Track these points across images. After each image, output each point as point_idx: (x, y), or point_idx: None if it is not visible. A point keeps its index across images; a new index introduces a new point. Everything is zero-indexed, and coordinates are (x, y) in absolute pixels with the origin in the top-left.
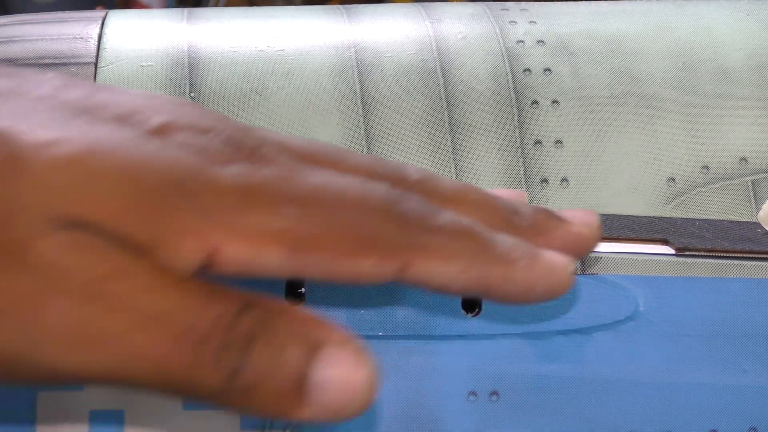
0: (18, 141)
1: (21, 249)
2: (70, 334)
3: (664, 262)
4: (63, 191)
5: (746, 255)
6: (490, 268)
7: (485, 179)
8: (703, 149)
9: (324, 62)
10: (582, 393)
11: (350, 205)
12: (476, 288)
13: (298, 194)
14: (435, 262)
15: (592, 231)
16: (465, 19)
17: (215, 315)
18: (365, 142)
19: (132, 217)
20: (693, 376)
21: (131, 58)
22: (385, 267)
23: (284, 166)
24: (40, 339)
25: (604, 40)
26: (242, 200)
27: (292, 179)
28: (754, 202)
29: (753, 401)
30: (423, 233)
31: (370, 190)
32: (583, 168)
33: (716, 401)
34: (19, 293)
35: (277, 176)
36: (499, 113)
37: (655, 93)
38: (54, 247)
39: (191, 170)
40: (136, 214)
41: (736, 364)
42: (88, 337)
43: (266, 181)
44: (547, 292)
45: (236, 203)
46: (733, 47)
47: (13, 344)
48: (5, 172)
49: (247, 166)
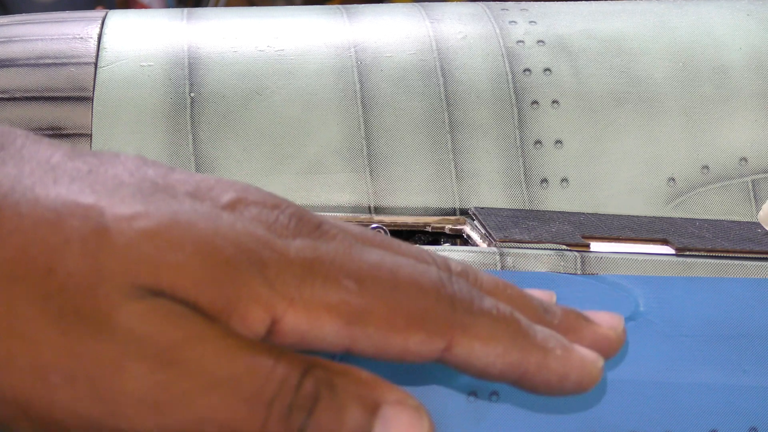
0: (103, 215)
1: (103, 316)
2: (147, 398)
3: (664, 262)
4: (144, 262)
5: (746, 255)
6: (527, 354)
7: (485, 179)
8: (703, 149)
9: (324, 62)
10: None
11: (404, 283)
12: (513, 373)
13: (356, 269)
14: (478, 343)
15: (617, 334)
16: (465, 19)
17: (282, 377)
18: (365, 142)
19: (207, 286)
20: (693, 376)
21: (131, 58)
22: (431, 344)
23: (344, 242)
24: (120, 405)
25: (604, 40)
26: (305, 272)
27: (351, 255)
28: (754, 202)
29: (753, 401)
30: (468, 315)
31: (422, 271)
32: (583, 168)
33: (716, 401)
34: (99, 359)
35: (337, 251)
36: (499, 113)
37: (656, 93)
38: (133, 315)
39: (261, 242)
40: (212, 284)
41: (736, 364)
42: (164, 401)
43: (328, 256)
44: (578, 384)
45: (300, 275)
46: (734, 47)
47: (93, 411)
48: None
49: (310, 241)
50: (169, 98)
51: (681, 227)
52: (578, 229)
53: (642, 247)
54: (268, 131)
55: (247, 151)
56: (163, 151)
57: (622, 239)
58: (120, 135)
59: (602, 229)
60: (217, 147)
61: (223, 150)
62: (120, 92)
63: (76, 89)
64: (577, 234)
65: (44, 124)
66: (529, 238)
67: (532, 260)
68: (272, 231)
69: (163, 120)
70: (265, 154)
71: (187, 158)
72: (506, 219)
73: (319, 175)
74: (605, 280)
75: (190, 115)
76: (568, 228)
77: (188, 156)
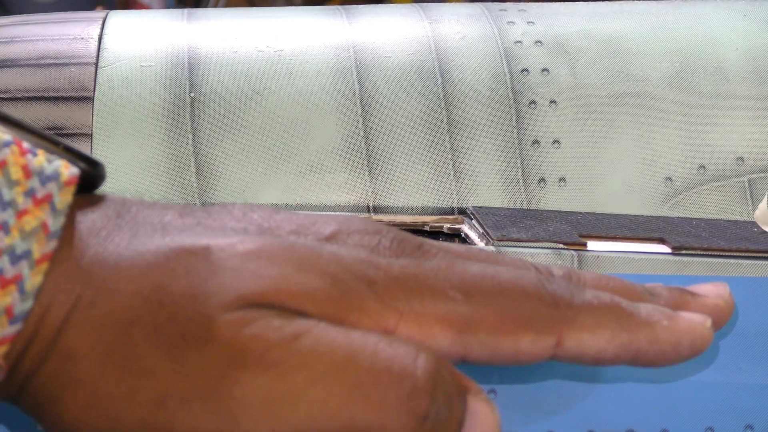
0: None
1: (205, 332)
2: (255, 402)
3: (660, 260)
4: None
5: (742, 254)
6: (635, 333)
7: (483, 178)
8: (700, 149)
9: (323, 62)
10: (579, 391)
11: (506, 289)
12: (626, 355)
13: (460, 281)
14: (586, 334)
15: (726, 301)
16: (463, 20)
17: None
18: (364, 142)
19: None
20: (689, 375)
21: (131, 59)
22: (542, 343)
23: (445, 259)
24: (233, 415)
25: (601, 40)
26: (412, 287)
27: (453, 269)
28: (750, 201)
29: (749, 399)
30: (571, 309)
31: (521, 276)
32: (581, 167)
33: (713, 399)
34: (206, 375)
35: (440, 266)
36: (497, 113)
37: (653, 93)
38: (231, 325)
39: (365, 262)
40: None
41: (732, 363)
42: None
43: (432, 270)
44: (691, 349)
45: (407, 289)
46: (731, 48)
47: (211, 425)
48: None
49: (413, 260)
50: (169, 98)
51: (678, 226)
52: (575, 228)
53: (639, 246)
54: (267, 131)
55: (247, 150)
56: (163, 151)
57: (619, 238)
58: (120, 135)
59: (599, 228)
60: (217, 147)
61: (223, 150)
62: (120, 92)
63: (77, 89)
64: (575, 233)
65: (45, 124)
66: (527, 237)
67: (529, 259)
68: (375, 253)
69: (163, 120)
70: (265, 154)
71: (187, 158)
72: (504, 218)
73: (318, 174)
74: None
75: (190, 115)
76: (566, 227)
77: (188, 156)
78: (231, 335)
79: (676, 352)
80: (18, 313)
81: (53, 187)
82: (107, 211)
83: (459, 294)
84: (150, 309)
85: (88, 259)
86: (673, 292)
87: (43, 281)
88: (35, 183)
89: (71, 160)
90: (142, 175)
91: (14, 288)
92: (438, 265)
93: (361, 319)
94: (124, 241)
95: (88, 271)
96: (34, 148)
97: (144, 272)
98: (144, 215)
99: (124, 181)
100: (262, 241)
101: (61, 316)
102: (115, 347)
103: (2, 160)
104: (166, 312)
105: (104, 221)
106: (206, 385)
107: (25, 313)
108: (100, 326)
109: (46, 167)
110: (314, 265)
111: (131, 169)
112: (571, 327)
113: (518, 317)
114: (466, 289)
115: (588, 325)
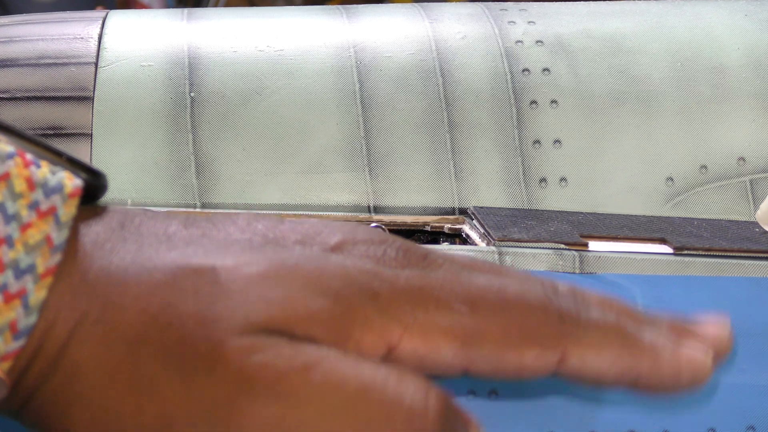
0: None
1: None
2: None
3: (662, 261)
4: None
5: (744, 254)
6: (638, 357)
7: (484, 178)
8: (702, 149)
9: (324, 62)
10: (581, 392)
11: (512, 302)
12: (627, 378)
13: (466, 293)
14: (590, 352)
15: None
16: (464, 20)
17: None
18: (364, 142)
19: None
20: None
21: (131, 58)
22: (546, 358)
23: (451, 270)
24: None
25: (602, 39)
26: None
27: (460, 280)
28: (752, 201)
29: (751, 400)
30: (577, 326)
31: (528, 290)
32: (582, 167)
33: (714, 400)
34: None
35: (446, 278)
36: (497, 113)
37: (654, 93)
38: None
39: (370, 274)
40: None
41: (734, 363)
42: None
43: (437, 282)
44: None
45: (412, 301)
46: (732, 47)
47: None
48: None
49: (419, 270)
50: (169, 98)
51: (679, 226)
52: (577, 228)
53: (640, 246)
54: (267, 131)
55: (247, 150)
56: (163, 151)
57: (621, 238)
58: (120, 135)
59: (600, 228)
60: (217, 147)
61: (223, 150)
62: (120, 92)
63: (77, 89)
64: (576, 233)
65: (44, 124)
66: (528, 237)
67: (530, 259)
68: (381, 264)
69: (163, 120)
70: (265, 154)
71: (187, 158)
72: (505, 218)
73: (318, 174)
74: (603, 279)
75: (190, 115)
76: (567, 227)
77: (188, 156)
78: (240, 361)
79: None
80: (22, 328)
81: (57, 200)
82: (111, 223)
83: (464, 306)
84: (157, 328)
85: (93, 274)
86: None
87: (48, 296)
88: (39, 195)
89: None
90: (142, 175)
91: (18, 303)
92: (444, 277)
93: (365, 335)
94: (130, 254)
95: (93, 285)
96: (38, 159)
97: (151, 290)
98: (148, 226)
99: (124, 182)
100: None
101: (67, 331)
102: (122, 364)
103: (6, 172)
104: (175, 333)
105: (108, 233)
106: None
107: (30, 328)
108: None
109: (50, 179)
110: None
111: (131, 169)
112: (576, 344)
113: (523, 331)
114: (471, 301)
115: (593, 343)
